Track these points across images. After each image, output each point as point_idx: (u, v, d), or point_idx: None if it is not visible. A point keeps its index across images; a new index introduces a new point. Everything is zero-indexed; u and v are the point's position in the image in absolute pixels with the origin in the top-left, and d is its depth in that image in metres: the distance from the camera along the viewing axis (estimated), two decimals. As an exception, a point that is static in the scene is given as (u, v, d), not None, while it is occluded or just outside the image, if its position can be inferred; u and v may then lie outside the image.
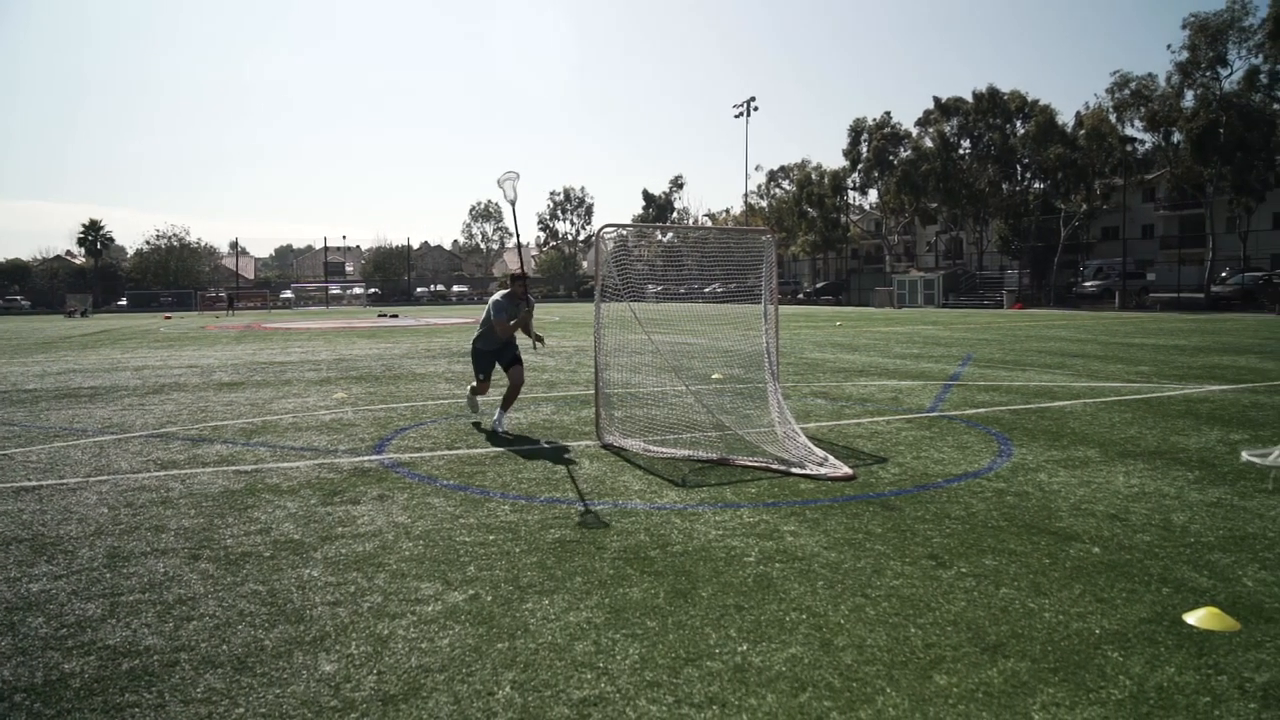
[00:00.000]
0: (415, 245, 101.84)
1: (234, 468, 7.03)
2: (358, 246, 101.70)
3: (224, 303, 63.49)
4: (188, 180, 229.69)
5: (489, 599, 4.06)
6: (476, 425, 8.89)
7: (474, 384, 9.07)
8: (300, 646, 3.54)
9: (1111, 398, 10.53)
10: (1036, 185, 59.48)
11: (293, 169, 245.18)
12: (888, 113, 67.50)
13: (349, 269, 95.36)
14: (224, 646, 3.55)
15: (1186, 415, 9.08)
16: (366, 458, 7.38)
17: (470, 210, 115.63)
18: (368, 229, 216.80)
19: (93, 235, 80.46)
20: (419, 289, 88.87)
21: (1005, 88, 58.99)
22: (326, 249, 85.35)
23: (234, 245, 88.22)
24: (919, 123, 64.29)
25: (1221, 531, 5.00)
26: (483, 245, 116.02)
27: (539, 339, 8.92)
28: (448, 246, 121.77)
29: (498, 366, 8.90)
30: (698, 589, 4.15)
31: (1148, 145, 53.48)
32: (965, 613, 3.82)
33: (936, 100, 61.57)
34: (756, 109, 74.29)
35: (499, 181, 7.91)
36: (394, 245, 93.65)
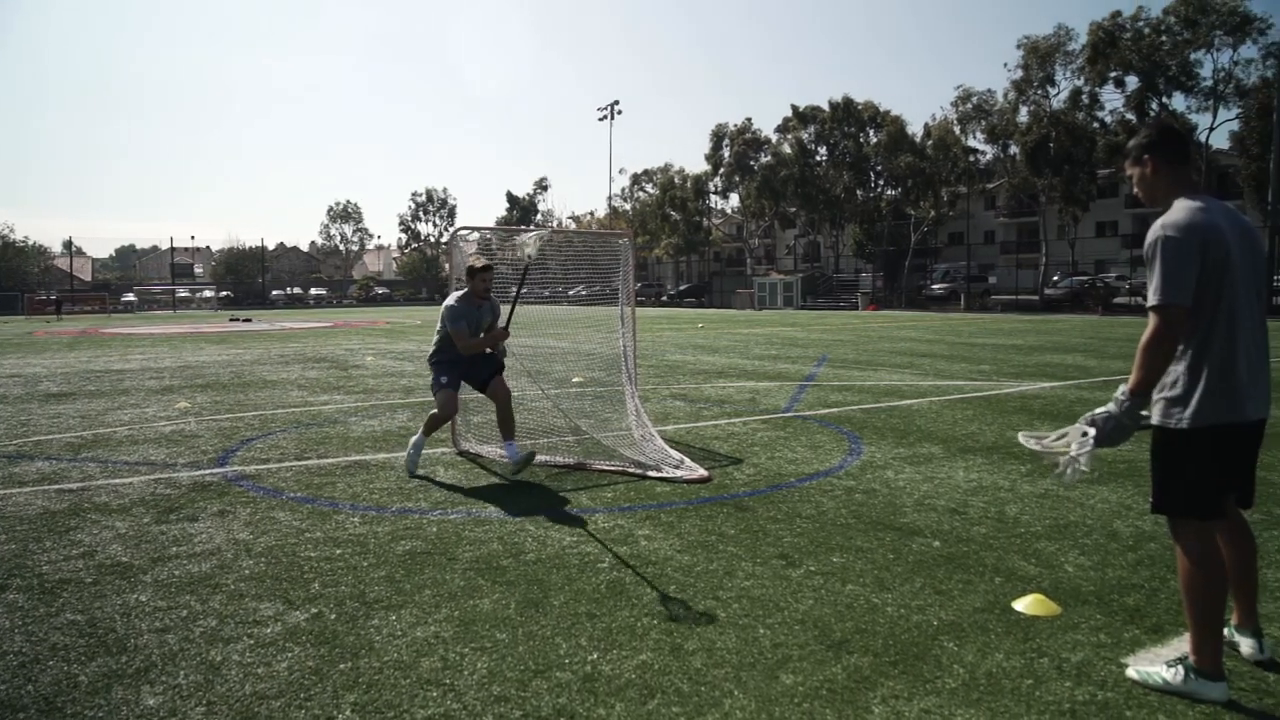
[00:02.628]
0: (270, 246, 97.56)
1: (57, 486, 6.52)
2: (208, 247, 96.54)
3: (54, 306, 58.48)
4: (19, 174, 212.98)
5: (333, 617, 3.89)
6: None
7: (431, 413, 6.83)
8: (121, 680, 3.30)
9: (955, 395, 11.08)
10: (889, 192, 62.28)
11: (135, 164, 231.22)
12: (749, 119, 69.41)
13: (198, 270, 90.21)
14: (29, 687, 3.26)
15: (1021, 411, 9.65)
16: (208, 471, 6.98)
17: (328, 211, 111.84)
18: (218, 229, 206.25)
19: (-105, 232, 73.20)
20: (275, 292, 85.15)
21: (860, 98, 61.60)
22: (173, 249, 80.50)
23: (68, 244, 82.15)
24: (778, 129, 66.29)
25: (1048, 521, 5.31)
26: (342, 247, 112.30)
27: (499, 353, 6.93)
28: (305, 248, 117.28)
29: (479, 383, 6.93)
30: (550, 598, 4.10)
31: (989, 156, 57.33)
32: (812, 611, 3.92)
33: (795, 108, 63.58)
34: (620, 112, 74.89)
35: (521, 243, 6.63)
36: (247, 246, 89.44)
